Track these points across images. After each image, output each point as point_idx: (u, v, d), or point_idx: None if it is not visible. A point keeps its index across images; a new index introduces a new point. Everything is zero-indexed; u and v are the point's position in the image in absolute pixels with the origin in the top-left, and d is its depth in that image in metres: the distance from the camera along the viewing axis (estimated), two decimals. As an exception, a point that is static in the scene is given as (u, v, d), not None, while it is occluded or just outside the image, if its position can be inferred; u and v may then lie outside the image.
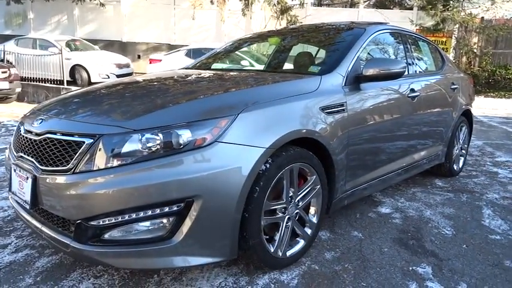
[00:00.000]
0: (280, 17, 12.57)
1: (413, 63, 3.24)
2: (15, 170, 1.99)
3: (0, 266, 2.06)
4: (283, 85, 2.25)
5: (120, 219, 1.65)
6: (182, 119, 1.74)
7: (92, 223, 1.67)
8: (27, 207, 1.87)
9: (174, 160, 1.66)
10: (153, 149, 1.67)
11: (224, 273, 2.02)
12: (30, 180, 1.83)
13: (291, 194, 2.05)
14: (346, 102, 2.35)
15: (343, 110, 2.33)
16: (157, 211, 1.66)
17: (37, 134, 1.89)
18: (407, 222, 2.80)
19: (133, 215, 1.65)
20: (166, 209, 1.66)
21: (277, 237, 2.01)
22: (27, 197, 1.85)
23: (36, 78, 11.25)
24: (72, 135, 1.76)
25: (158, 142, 1.67)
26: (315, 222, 2.24)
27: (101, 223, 1.66)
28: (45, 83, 10.96)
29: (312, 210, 2.24)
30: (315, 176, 2.16)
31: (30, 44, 12.51)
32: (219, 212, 1.73)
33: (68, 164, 1.71)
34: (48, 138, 1.82)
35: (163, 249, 1.69)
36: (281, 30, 3.64)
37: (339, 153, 2.29)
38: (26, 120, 2.10)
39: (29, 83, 10.62)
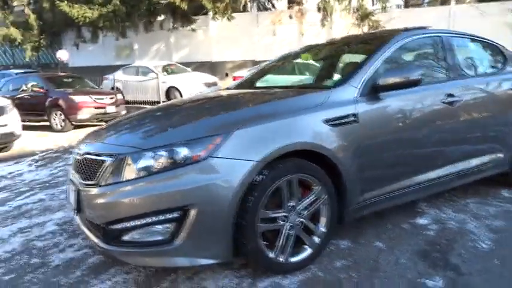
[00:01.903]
0: (361, 23, 12.34)
1: (455, 67, 3.07)
2: (69, 184, 2.47)
3: (64, 260, 2.55)
4: (287, 101, 2.40)
5: (132, 224, 1.98)
6: (183, 137, 2.02)
7: (112, 227, 2.02)
8: (74, 213, 2.32)
9: (174, 174, 1.94)
10: (158, 164, 1.97)
11: (232, 275, 2.23)
12: (75, 192, 2.28)
13: (292, 203, 2.18)
14: (357, 113, 2.40)
15: (354, 121, 2.38)
16: (160, 218, 1.95)
17: (80, 155, 2.34)
18: (442, 234, 2.67)
19: (143, 221, 1.96)
20: (168, 216, 1.94)
21: (277, 244, 2.15)
22: (74, 205, 2.30)
23: (139, 101, 12.80)
24: (99, 155, 2.16)
25: (162, 159, 1.97)
26: (324, 231, 2.31)
27: (118, 227, 2.01)
28: (146, 105, 12.38)
29: (321, 219, 2.32)
30: (320, 187, 2.25)
31: (134, 71, 14.25)
32: (212, 219, 1.95)
33: (96, 179, 2.10)
34: (86, 158, 2.25)
35: (166, 250, 1.97)
36: (315, 45, 3.74)
37: (349, 165, 2.34)
38: (79, 144, 2.59)
39: (133, 105, 12.09)
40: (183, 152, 1.97)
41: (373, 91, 2.52)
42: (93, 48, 17.87)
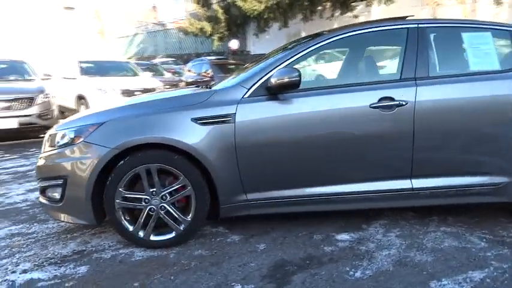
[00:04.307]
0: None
1: (418, 66, 2.56)
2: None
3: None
4: (169, 100, 2.67)
5: (43, 184, 2.70)
6: (79, 124, 2.60)
7: (39, 184, 2.79)
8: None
9: (62, 151, 2.56)
10: (59, 142, 2.62)
11: (114, 239, 2.70)
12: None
13: (155, 189, 2.48)
14: (235, 113, 2.45)
15: (229, 121, 2.45)
16: (57, 182, 2.59)
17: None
18: (335, 253, 2.42)
19: (47, 183, 2.66)
20: (58, 182, 2.57)
21: (138, 221, 2.50)
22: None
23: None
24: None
25: (62, 139, 2.61)
26: (188, 219, 2.51)
27: (39, 184, 2.76)
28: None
29: (189, 209, 2.52)
30: (182, 177, 2.46)
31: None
32: (78, 189, 2.48)
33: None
34: (50, 132, 3.09)
35: (57, 207, 2.61)
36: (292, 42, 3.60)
37: (220, 163, 2.45)
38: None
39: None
40: (70, 135, 2.55)
41: (268, 92, 2.50)
42: (269, 37, 19.54)
